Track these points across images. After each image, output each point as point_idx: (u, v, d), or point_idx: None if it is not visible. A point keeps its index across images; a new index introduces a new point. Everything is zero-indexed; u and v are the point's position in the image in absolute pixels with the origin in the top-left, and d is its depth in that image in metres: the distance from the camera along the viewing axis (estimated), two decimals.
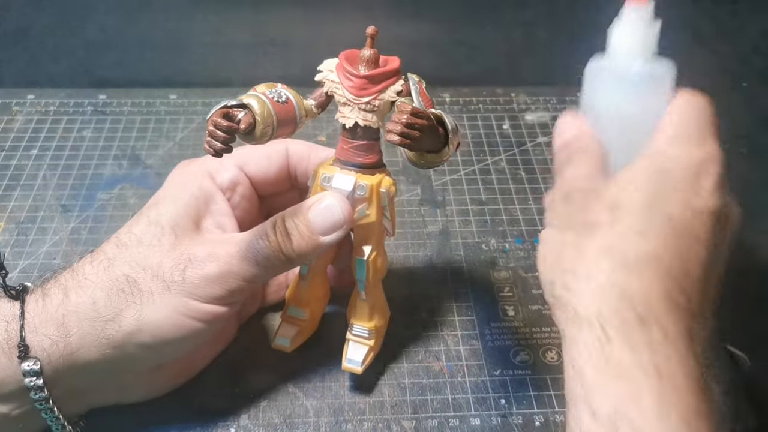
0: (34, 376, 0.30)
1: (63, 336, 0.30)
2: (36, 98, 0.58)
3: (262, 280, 0.33)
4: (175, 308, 0.31)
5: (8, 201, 0.49)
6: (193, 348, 0.34)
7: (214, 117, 0.28)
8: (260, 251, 0.31)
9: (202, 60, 0.62)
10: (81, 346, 0.31)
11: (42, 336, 0.30)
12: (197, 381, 0.37)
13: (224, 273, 0.31)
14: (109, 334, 0.31)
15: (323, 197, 0.32)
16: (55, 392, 0.31)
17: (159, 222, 0.33)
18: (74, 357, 0.31)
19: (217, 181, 0.36)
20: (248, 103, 0.29)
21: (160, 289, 0.31)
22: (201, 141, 0.57)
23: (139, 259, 0.32)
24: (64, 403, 0.32)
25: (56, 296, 0.31)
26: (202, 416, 0.37)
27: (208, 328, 0.32)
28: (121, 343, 0.31)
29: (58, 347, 0.30)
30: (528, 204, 0.51)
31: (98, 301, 0.31)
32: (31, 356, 0.30)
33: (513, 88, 0.61)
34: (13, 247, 0.45)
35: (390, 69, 0.32)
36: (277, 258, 0.32)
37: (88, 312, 0.31)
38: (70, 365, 0.31)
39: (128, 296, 0.31)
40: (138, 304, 0.31)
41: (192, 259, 0.32)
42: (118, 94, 0.59)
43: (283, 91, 0.31)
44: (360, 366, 0.36)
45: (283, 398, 0.38)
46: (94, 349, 0.31)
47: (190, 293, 0.31)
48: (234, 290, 0.32)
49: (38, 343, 0.30)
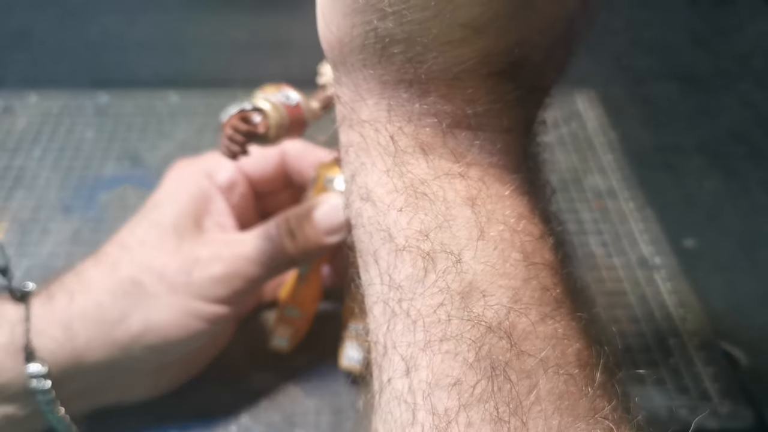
0: (40, 378, 0.30)
1: (69, 339, 0.31)
2: (38, 99, 0.59)
3: (266, 280, 0.34)
4: (181, 309, 0.31)
5: (11, 202, 0.50)
6: (196, 348, 0.34)
7: (233, 121, 0.28)
8: (265, 252, 0.32)
9: (202, 60, 0.62)
10: (88, 348, 0.31)
11: (48, 339, 0.30)
12: (197, 381, 0.38)
13: (229, 274, 0.31)
14: (116, 336, 0.31)
15: (328, 198, 0.32)
16: (61, 393, 0.31)
17: (161, 223, 0.33)
18: (81, 359, 0.31)
19: (215, 181, 0.36)
20: (263, 107, 0.29)
21: (166, 290, 0.31)
22: (202, 141, 0.58)
23: (144, 260, 0.32)
24: (69, 403, 0.32)
25: (62, 299, 0.31)
26: (202, 416, 0.37)
27: (212, 328, 0.33)
28: (128, 344, 0.31)
29: (64, 350, 0.30)
30: None
31: (104, 303, 0.31)
32: (37, 359, 0.30)
33: None
34: (16, 248, 0.46)
35: None
36: (281, 258, 0.32)
37: (94, 315, 0.31)
38: (76, 367, 0.31)
39: (134, 298, 0.31)
40: (144, 306, 0.31)
41: (197, 261, 0.32)
42: (120, 94, 0.59)
43: (291, 94, 0.31)
44: (359, 364, 0.36)
45: (284, 397, 0.38)
46: (100, 352, 0.31)
47: (196, 294, 0.31)
48: (239, 291, 0.32)
49: (44, 345, 0.30)
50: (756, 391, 0.39)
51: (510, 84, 0.20)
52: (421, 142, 0.20)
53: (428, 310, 0.18)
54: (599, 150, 0.55)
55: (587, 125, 0.57)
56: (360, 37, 0.19)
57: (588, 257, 0.46)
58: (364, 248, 0.21)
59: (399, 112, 0.20)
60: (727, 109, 0.60)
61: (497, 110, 0.20)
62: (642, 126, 0.58)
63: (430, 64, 0.19)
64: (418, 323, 0.18)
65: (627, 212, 0.50)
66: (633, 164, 0.53)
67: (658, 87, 0.62)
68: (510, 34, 0.18)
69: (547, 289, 0.18)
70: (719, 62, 0.65)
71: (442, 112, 0.20)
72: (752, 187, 0.53)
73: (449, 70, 0.19)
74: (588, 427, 0.17)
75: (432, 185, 0.19)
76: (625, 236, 0.48)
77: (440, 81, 0.19)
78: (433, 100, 0.19)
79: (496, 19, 0.18)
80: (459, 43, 0.18)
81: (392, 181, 0.20)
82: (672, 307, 0.43)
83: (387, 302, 0.19)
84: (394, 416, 0.18)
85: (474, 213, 0.19)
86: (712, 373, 0.40)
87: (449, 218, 0.19)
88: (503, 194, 0.20)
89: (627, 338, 0.41)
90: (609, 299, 0.44)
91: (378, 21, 0.18)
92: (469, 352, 0.17)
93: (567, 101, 0.60)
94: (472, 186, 0.19)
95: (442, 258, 0.18)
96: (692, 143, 0.57)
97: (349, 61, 0.20)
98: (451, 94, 0.19)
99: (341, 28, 0.20)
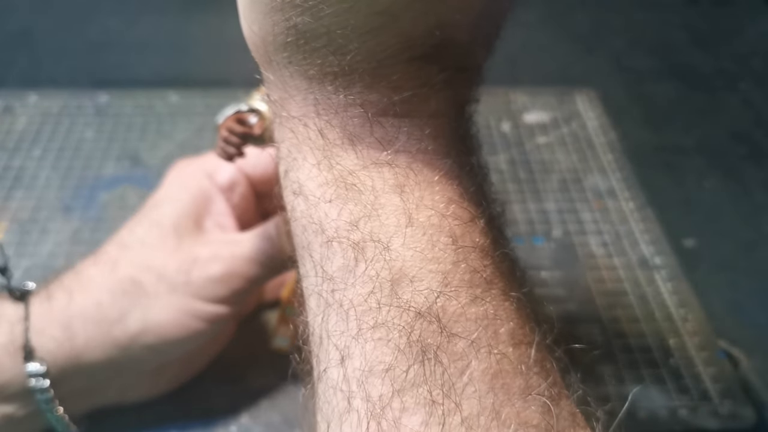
0: (39, 377, 0.30)
1: (68, 338, 0.31)
2: (38, 99, 0.59)
3: (265, 281, 0.34)
4: (180, 309, 0.31)
5: (11, 202, 0.49)
6: (196, 348, 0.34)
7: (229, 123, 0.28)
8: (264, 251, 0.32)
9: (202, 60, 0.62)
10: (86, 347, 0.31)
11: (47, 338, 0.30)
12: (197, 381, 0.38)
13: (228, 273, 0.31)
14: (115, 335, 0.31)
15: None
16: (60, 393, 0.31)
17: (161, 223, 0.33)
18: (79, 359, 0.31)
19: (215, 181, 0.36)
20: (259, 108, 0.29)
21: (165, 290, 0.31)
22: (202, 141, 0.58)
23: (143, 260, 0.32)
24: (68, 403, 0.32)
25: (61, 298, 0.31)
26: (202, 416, 0.37)
27: (211, 327, 0.32)
28: (127, 344, 0.31)
29: (63, 349, 0.30)
30: (527, 204, 0.51)
31: (103, 302, 0.31)
32: (36, 358, 0.30)
33: (512, 88, 0.61)
34: (16, 248, 0.46)
35: None
36: (280, 258, 0.32)
37: (93, 314, 0.31)
38: (75, 366, 0.31)
39: (133, 298, 0.31)
40: (144, 305, 0.31)
41: (196, 260, 0.32)
42: (120, 94, 0.59)
43: None
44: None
45: (283, 397, 0.38)
46: (99, 351, 0.31)
47: (195, 294, 0.31)
48: (238, 290, 0.32)
49: (43, 345, 0.30)
50: (756, 392, 0.39)
51: (435, 67, 0.20)
52: (349, 133, 0.20)
53: (359, 299, 0.18)
54: (599, 150, 0.55)
55: (587, 125, 0.57)
56: (282, 34, 0.19)
57: (588, 257, 0.46)
58: (298, 242, 0.21)
59: (326, 105, 0.20)
60: (727, 109, 0.60)
61: (423, 95, 0.20)
62: (642, 126, 0.58)
63: (352, 55, 0.19)
64: (350, 312, 0.18)
65: (627, 212, 0.50)
66: (633, 164, 0.53)
67: (658, 87, 0.62)
68: (428, 17, 0.18)
69: (477, 271, 0.19)
70: (719, 62, 0.65)
71: (368, 102, 0.20)
72: (752, 187, 0.53)
73: (372, 59, 0.19)
74: (524, 404, 0.17)
75: (360, 175, 0.19)
76: (625, 236, 0.48)
77: (364, 71, 0.19)
78: (359, 91, 0.19)
79: (411, 3, 0.18)
80: (378, 31, 0.18)
81: (322, 174, 0.20)
82: (672, 307, 0.43)
83: (321, 294, 0.19)
84: (331, 405, 0.18)
85: (402, 200, 0.19)
86: (713, 374, 0.40)
87: (377, 207, 0.19)
88: (432, 180, 0.20)
89: (627, 338, 0.41)
90: (609, 299, 0.44)
91: (297, 17, 0.19)
92: (401, 338, 0.17)
93: (567, 101, 0.60)
94: (400, 173, 0.19)
95: (371, 247, 0.19)
96: (692, 143, 0.57)
97: (274, 60, 0.20)
98: (375, 83, 0.19)
99: (263, 27, 0.20)
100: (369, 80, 0.19)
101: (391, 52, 0.19)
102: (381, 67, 0.19)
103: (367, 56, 0.19)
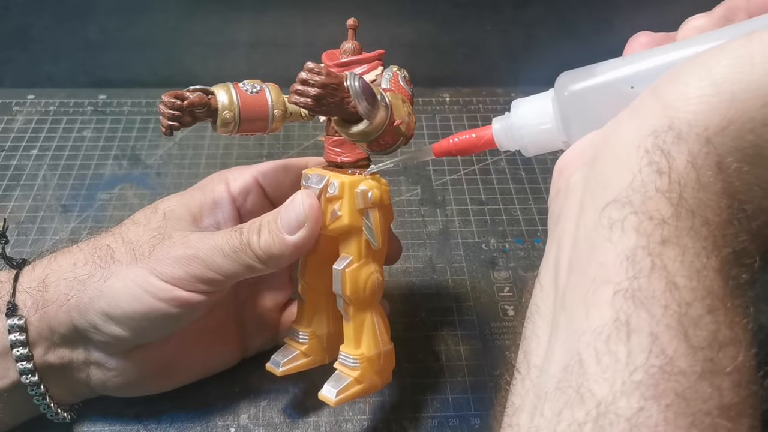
0: (18, 331, 0.31)
1: (41, 292, 0.32)
2: (36, 98, 0.58)
3: (232, 275, 0.32)
4: (134, 280, 0.31)
5: (8, 201, 0.49)
6: (164, 333, 0.34)
7: (164, 96, 0.29)
8: (232, 245, 0.32)
9: (202, 60, 0.62)
10: (51, 301, 0.32)
11: (25, 294, 0.32)
12: (197, 381, 0.37)
13: (189, 256, 0.32)
14: (75, 294, 0.32)
15: (294, 195, 0.32)
16: (38, 358, 0.32)
17: (157, 207, 0.35)
18: (47, 316, 0.32)
19: (230, 187, 0.36)
20: (212, 89, 0.30)
21: (129, 260, 0.32)
22: (201, 141, 0.57)
23: (124, 233, 0.34)
24: (50, 381, 0.33)
25: (46, 260, 0.33)
26: (202, 416, 0.37)
27: (171, 311, 0.32)
28: (85, 308, 0.32)
29: (36, 303, 0.32)
30: (528, 204, 0.51)
31: (77, 263, 0.33)
32: (16, 315, 0.32)
33: (513, 88, 0.61)
34: (13, 247, 0.45)
35: (363, 57, 0.31)
36: (244, 252, 0.32)
37: (66, 272, 0.32)
38: (47, 325, 0.32)
39: (102, 262, 0.32)
40: (106, 270, 0.32)
41: (165, 239, 0.32)
42: (118, 94, 0.59)
43: (259, 85, 0.31)
44: (334, 397, 0.32)
45: (283, 398, 0.38)
46: (62, 311, 0.32)
47: (153, 268, 0.31)
48: (197, 276, 0.31)
49: (23, 301, 0.32)
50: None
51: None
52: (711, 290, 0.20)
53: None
54: None
55: None
56: (731, 210, 0.21)
57: None
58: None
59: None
60: None
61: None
62: None
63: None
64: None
65: None
66: None
67: None
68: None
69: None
70: None
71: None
72: None
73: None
74: None
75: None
76: None
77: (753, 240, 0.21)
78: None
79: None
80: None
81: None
82: None
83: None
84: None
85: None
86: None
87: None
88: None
89: None
90: None
91: (759, 199, 0.21)
92: None
93: None
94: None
95: None
96: None
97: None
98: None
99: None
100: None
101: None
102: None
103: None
